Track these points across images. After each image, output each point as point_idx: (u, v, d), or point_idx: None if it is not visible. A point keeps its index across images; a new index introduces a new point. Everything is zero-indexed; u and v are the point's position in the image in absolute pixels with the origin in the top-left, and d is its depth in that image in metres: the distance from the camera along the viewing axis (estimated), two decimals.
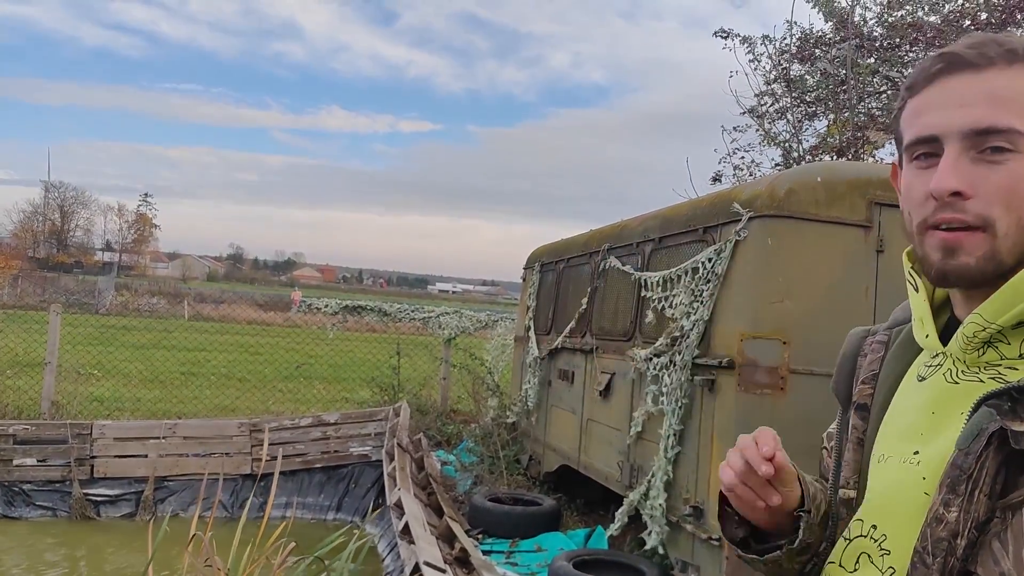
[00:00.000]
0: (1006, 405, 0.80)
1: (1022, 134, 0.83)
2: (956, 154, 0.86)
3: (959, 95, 0.87)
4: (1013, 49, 0.86)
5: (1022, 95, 0.85)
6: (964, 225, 0.85)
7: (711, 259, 4.10)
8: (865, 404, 1.04)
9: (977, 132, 0.85)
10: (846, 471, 1.04)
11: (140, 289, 38.35)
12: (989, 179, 0.84)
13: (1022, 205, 0.84)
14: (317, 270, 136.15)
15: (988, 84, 0.86)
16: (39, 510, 6.64)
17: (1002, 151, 0.84)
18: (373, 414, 7.83)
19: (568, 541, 5.48)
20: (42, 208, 76.04)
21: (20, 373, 9.44)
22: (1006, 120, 0.84)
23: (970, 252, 0.86)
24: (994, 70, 0.86)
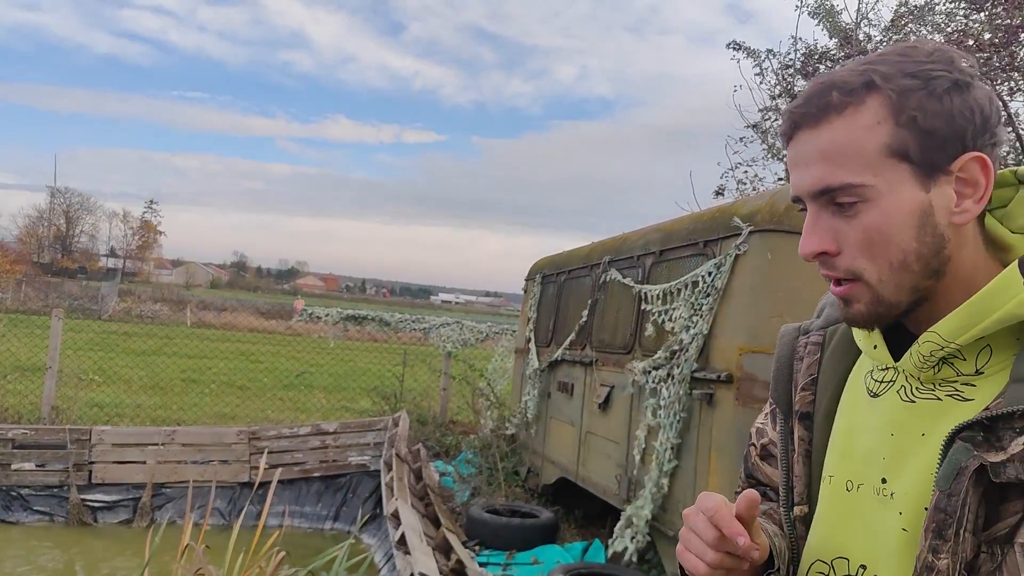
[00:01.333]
0: (979, 436, 0.77)
1: (857, 185, 0.82)
2: (815, 214, 0.86)
3: (801, 155, 0.86)
4: (843, 92, 0.83)
5: (850, 143, 0.82)
6: (841, 278, 0.86)
7: (711, 273, 4.10)
8: (808, 413, 0.99)
9: (817, 193, 0.85)
10: (798, 486, 0.98)
11: (143, 295, 38.41)
12: (849, 234, 0.84)
13: (884, 251, 0.83)
14: (320, 279, 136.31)
15: (819, 141, 0.84)
16: (36, 515, 6.63)
17: (851, 204, 0.83)
18: (372, 424, 7.82)
19: (565, 554, 5.46)
20: (47, 213, 76.29)
21: (21, 377, 9.46)
22: (838, 176, 0.83)
23: (858, 300, 0.86)
24: (825, 123, 0.84)
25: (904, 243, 0.83)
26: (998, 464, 0.75)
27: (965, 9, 9.11)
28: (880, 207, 0.82)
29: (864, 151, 0.82)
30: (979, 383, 0.83)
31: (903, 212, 0.82)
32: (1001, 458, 0.75)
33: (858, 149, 0.82)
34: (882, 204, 0.82)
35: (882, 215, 0.82)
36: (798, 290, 3.74)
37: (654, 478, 4.33)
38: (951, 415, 0.82)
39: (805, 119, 0.85)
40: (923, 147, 0.81)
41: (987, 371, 0.82)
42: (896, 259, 0.83)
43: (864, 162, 0.82)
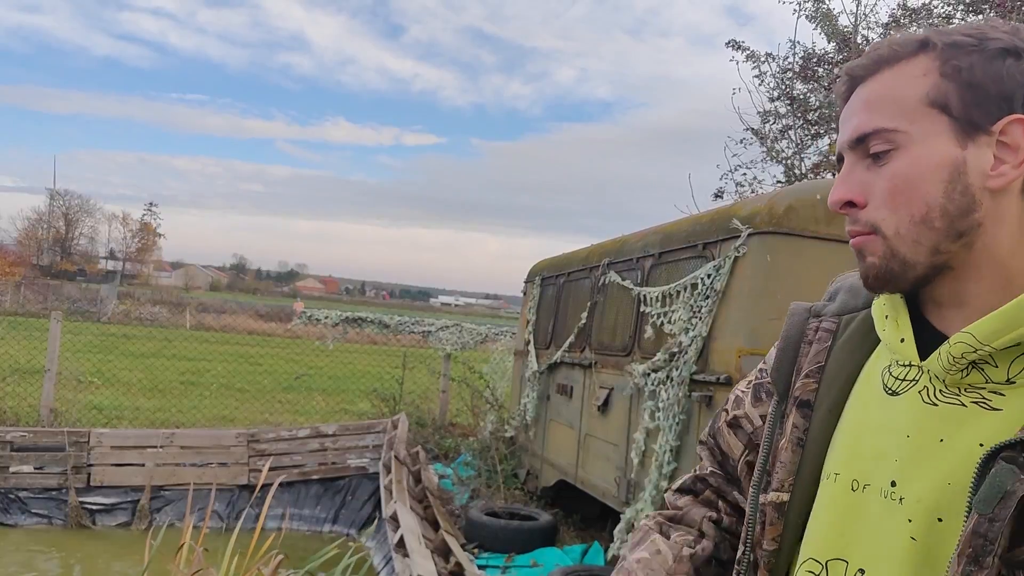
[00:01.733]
0: (1021, 457, 0.71)
1: (891, 131, 0.81)
2: (849, 166, 0.85)
3: (848, 111, 0.86)
4: (896, 49, 0.83)
5: (891, 91, 0.82)
6: (857, 232, 0.85)
7: (710, 275, 4.11)
8: (808, 401, 0.93)
9: (854, 142, 0.84)
10: (781, 472, 0.92)
11: (142, 298, 38.41)
12: (876, 184, 0.82)
13: (908, 201, 0.81)
14: (320, 281, 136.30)
15: (866, 92, 0.85)
16: (35, 518, 6.62)
17: (884, 153, 0.82)
18: (371, 426, 7.82)
19: (564, 557, 5.45)
20: (47, 216, 76.28)
21: (20, 380, 9.45)
22: (873, 122, 0.82)
23: (872, 252, 0.83)
24: (876, 75, 0.84)
25: (930, 196, 0.80)
26: None
27: (962, 12, 9.12)
28: (911, 155, 0.80)
29: (904, 98, 0.81)
30: (1008, 393, 0.77)
31: (933, 163, 0.80)
32: None
33: (898, 96, 0.82)
34: (913, 152, 0.80)
35: (911, 163, 0.80)
36: (797, 292, 3.73)
37: (654, 480, 4.33)
38: (975, 423, 0.78)
39: (859, 73, 0.86)
40: (964, 101, 0.79)
41: (1019, 380, 0.77)
42: (918, 212, 0.80)
43: (902, 109, 0.81)
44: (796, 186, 4.46)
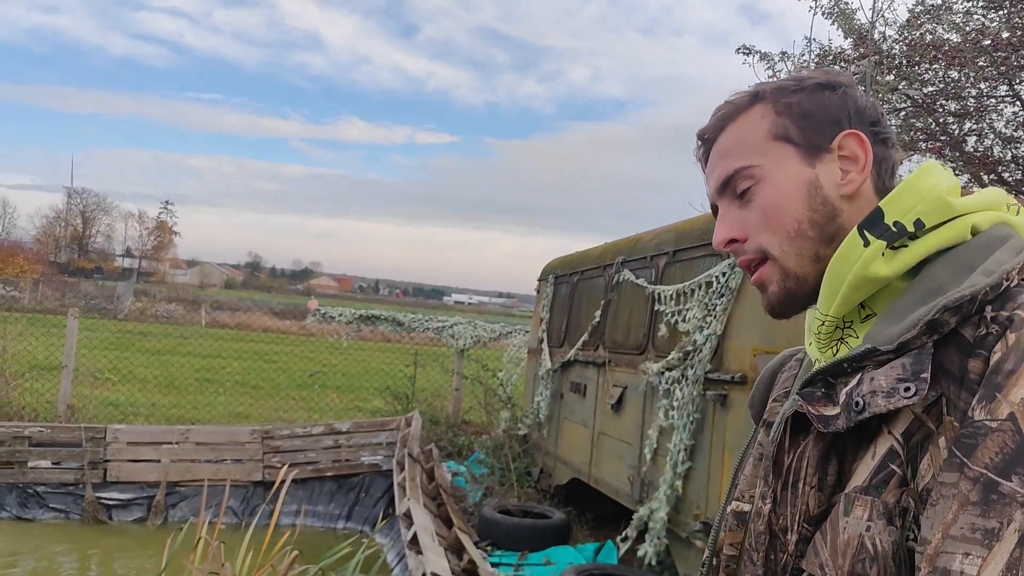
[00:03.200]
0: (820, 391, 0.81)
1: (748, 167, 0.90)
2: (723, 210, 0.94)
3: (709, 167, 0.96)
4: (735, 104, 0.94)
5: (739, 137, 0.92)
6: (752, 262, 0.91)
7: (725, 273, 4.08)
8: (771, 422, 0.99)
9: (722, 186, 0.93)
10: (743, 484, 0.99)
11: (158, 295, 38.68)
12: (750, 217, 0.90)
13: (781, 220, 0.89)
14: (334, 279, 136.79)
15: (719, 146, 0.94)
16: (52, 512, 6.69)
17: (748, 190, 0.90)
18: (385, 423, 7.84)
19: (577, 555, 5.44)
20: (64, 214, 77.00)
21: (38, 376, 9.54)
22: (731, 164, 0.91)
23: (770, 280, 0.90)
24: (725, 131, 0.94)
25: (797, 212, 0.88)
26: (829, 417, 0.78)
27: (983, 8, 9.03)
28: (771, 183, 0.89)
29: (751, 140, 0.91)
30: None
31: (792, 185, 0.89)
32: (834, 412, 0.78)
33: (746, 140, 0.92)
34: (772, 180, 0.89)
35: (774, 190, 0.89)
36: None
37: (668, 479, 4.31)
38: None
39: (710, 135, 0.96)
40: (801, 128, 0.90)
41: None
42: (792, 227, 0.88)
43: (752, 148, 0.91)
44: None
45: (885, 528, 0.73)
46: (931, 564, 0.69)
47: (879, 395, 0.75)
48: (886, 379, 0.75)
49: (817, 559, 0.76)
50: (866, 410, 0.75)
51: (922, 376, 0.73)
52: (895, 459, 0.75)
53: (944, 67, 8.81)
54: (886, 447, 0.75)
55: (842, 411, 0.77)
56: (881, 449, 0.76)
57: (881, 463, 0.75)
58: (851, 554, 0.74)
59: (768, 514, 0.81)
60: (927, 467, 0.73)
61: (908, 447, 0.74)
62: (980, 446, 0.68)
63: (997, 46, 8.30)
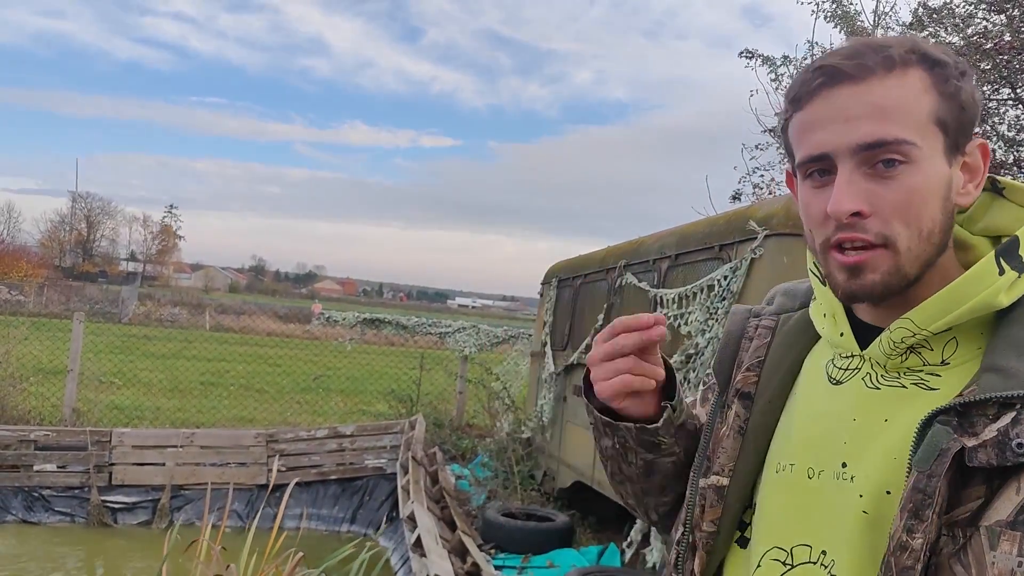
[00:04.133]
0: (954, 421, 0.77)
1: (909, 143, 0.81)
2: (849, 172, 0.83)
3: (844, 109, 0.83)
4: (889, 56, 0.83)
5: (903, 102, 0.82)
6: (866, 244, 0.83)
7: (726, 277, 4.10)
8: (749, 393, 0.99)
9: (866, 147, 0.82)
10: (722, 457, 0.97)
11: (163, 299, 38.77)
12: (885, 196, 0.82)
13: (919, 216, 0.82)
14: (338, 283, 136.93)
15: (870, 95, 0.82)
16: (57, 515, 6.72)
17: (893, 164, 0.82)
18: (389, 427, 7.85)
19: (581, 558, 5.45)
20: (69, 218, 77.28)
21: (43, 380, 9.58)
22: (892, 131, 0.81)
23: (875, 269, 0.84)
24: (874, 80, 0.82)
25: (934, 212, 0.83)
26: (972, 449, 0.75)
27: (985, 11, 9.03)
28: (923, 171, 0.82)
29: (915, 112, 0.82)
30: (944, 373, 0.83)
31: (937, 180, 0.83)
32: (974, 443, 0.75)
33: (910, 109, 0.82)
34: (924, 168, 0.82)
35: (923, 179, 0.82)
36: None
37: None
38: (916, 403, 0.83)
39: (846, 73, 0.83)
40: (957, 122, 0.84)
41: (952, 362, 0.84)
42: (926, 227, 0.83)
43: (916, 123, 0.82)
44: None
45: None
46: None
47: None
48: None
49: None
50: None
51: None
52: None
53: None
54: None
55: (990, 447, 0.74)
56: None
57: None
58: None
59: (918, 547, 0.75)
60: None
61: None
62: None
63: (999, 49, 8.30)
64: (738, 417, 0.98)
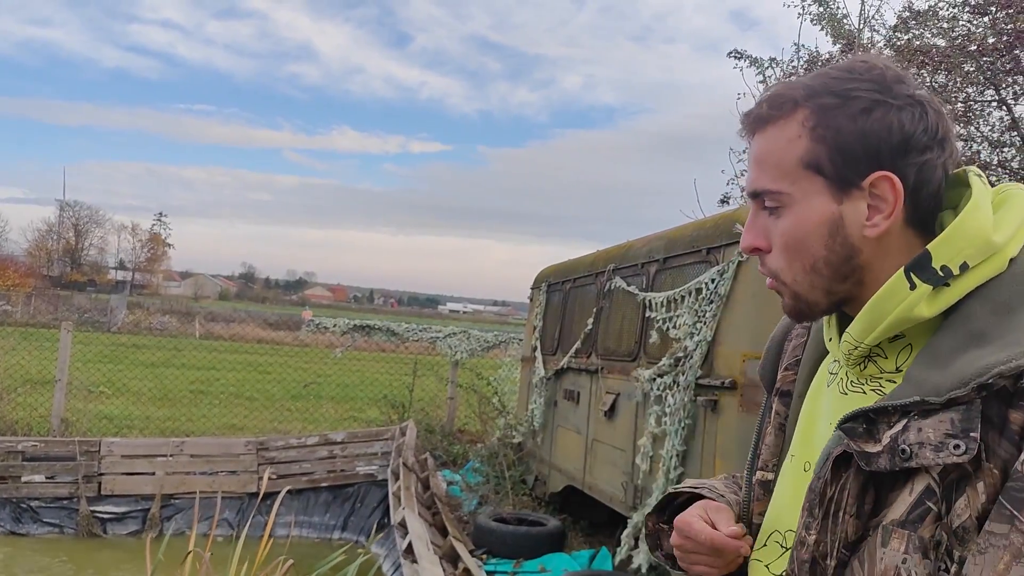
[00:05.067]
0: (861, 427, 0.82)
1: (777, 192, 0.90)
2: (754, 213, 0.94)
3: (749, 159, 0.95)
4: (781, 103, 0.90)
5: (774, 153, 0.90)
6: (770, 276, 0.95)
7: (714, 280, 4.12)
8: (788, 391, 1.06)
9: (752, 194, 0.93)
10: (765, 454, 1.06)
11: (152, 308, 38.59)
12: (774, 232, 0.92)
13: (799, 253, 0.90)
14: (328, 289, 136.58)
15: (756, 147, 0.93)
16: (46, 527, 6.67)
17: (775, 209, 0.91)
18: (380, 433, 7.84)
19: (572, 562, 5.46)
20: (57, 227, 76.80)
21: (31, 390, 9.52)
22: (763, 182, 0.91)
23: (783, 295, 0.95)
24: (760, 132, 0.92)
25: (814, 250, 0.89)
26: (872, 454, 0.80)
27: (969, 13, 9.11)
28: (795, 214, 0.90)
29: (784, 161, 0.90)
30: (899, 379, 0.86)
31: (814, 221, 0.89)
32: (876, 449, 0.80)
33: (779, 159, 0.90)
34: (796, 211, 0.90)
35: (796, 221, 0.90)
36: None
37: (660, 485, 4.33)
38: None
39: (750, 124, 0.94)
40: (835, 163, 0.87)
41: (904, 368, 0.87)
42: (807, 263, 0.90)
43: (783, 171, 0.90)
44: None
45: (921, 561, 0.77)
46: None
47: (927, 447, 0.77)
48: (935, 432, 0.77)
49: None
50: (913, 459, 0.77)
51: (972, 435, 0.75)
52: (931, 497, 0.78)
53: (931, 72, 8.89)
54: (923, 485, 0.78)
55: (885, 452, 0.79)
56: (919, 487, 0.79)
57: (918, 500, 0.78)
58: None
59: (812, 543, 0.84)
60: (963, 507, 0.76)
61: (944, 486, 0.77)
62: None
63: (983, 51, 8.38)
64: (778, 415, 1.06)
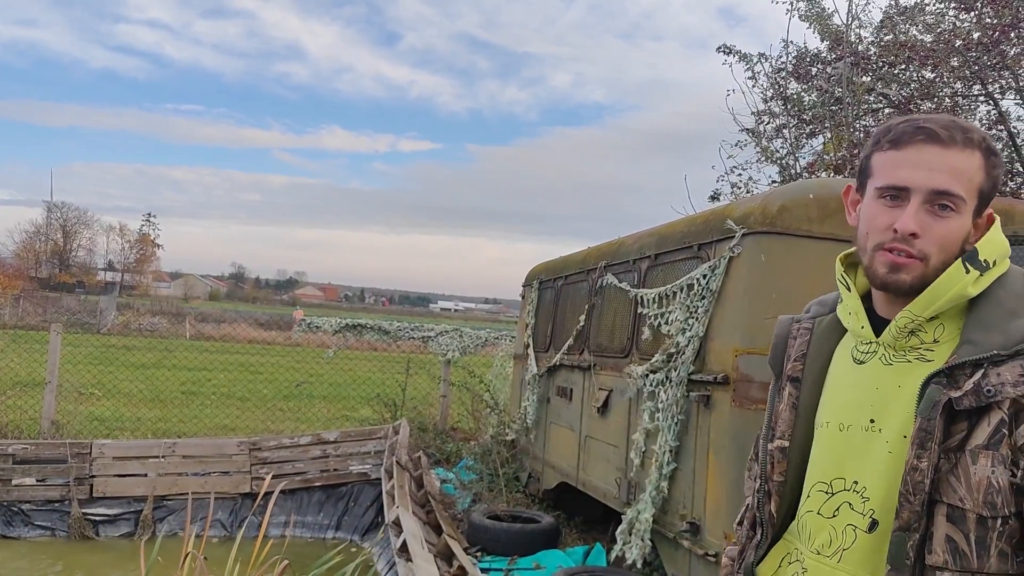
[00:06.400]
0: (944, 380, 1.17)
1: (961, 199, 1.22)
2: (918, 204, 1.22)
3: (929, 162, 1.21)
4: (969, 137, 1.22)
5: (967, 172, 1.22)
6: (909, 255, 1.22)
7: (706, 275, 4.13)
8: (797, 377, 1.39)
9: (938, 192, 1.21)
10: (782, 426, 1.39)
11: (142, 309, 38.39)
12: (934, 227, 1.21)
13: (949, 249, 1.22)
14: (319, 289, 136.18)
15: (951, 160, 1.21)
16: (38, 530, 6.63)
17: (947, 208, 1.21)
18: (373, 432, 7.83)
19: (567, 558, 5.47)
20: (45, 228, 76.24)
21: (21, 393, 9.46)
22: (956, 188, 1.21)
23: (908, 273, 1.22)
24: (955, 149, 1.21)
25: (956, 247, 1.23)
26: (958, 398, 1.15)
27: (955, 9, 9.16)
28: (962, 219, 1.23)
29: (971, 181, 1.22)
30: (936, 349, 1.23)
31: (963, 229, 1.23)
32: (958, 394, 1.15)
33: (970, 178, 1.22)
34: (963, 218, 1.23)
35: (960, 225, 1.23)
36: (791, 292, 3.76)
37: (654, 481, 4.34)
38: (918, 371, 1.22)
39: (940, 138, 1.21)
40: (984, 198, 1.25)
41: (941, 340, 1.23)
42: (949, 255, 1.22)
43: (968, 188, 1.22)
44: (789, 186, 4.49)
45: (1003, 471, 1.12)
46: None
47: (1007, 385, 1.13)
48: (1011, 374, 1.13)
49: (956, 494, 1.14)
50: (997, 395, 1.13)
51: None
52: (1004, 426, 1.13)
53: (918, 67, 8.93)
54: (998, 418, 1.13)
55: (970, 394, 1.13)
56: (995, 419, 1.13)
57: (995, 429, 1.13)
58: (983, 488, 1.12)
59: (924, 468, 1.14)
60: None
61: (1009, 416, 1.13)
62: None
63: (968, 46, 8.43)
64: (791, 396, 1.39)
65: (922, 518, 1.15)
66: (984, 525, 1.12)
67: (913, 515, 1.16)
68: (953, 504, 1.14)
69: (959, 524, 1.14)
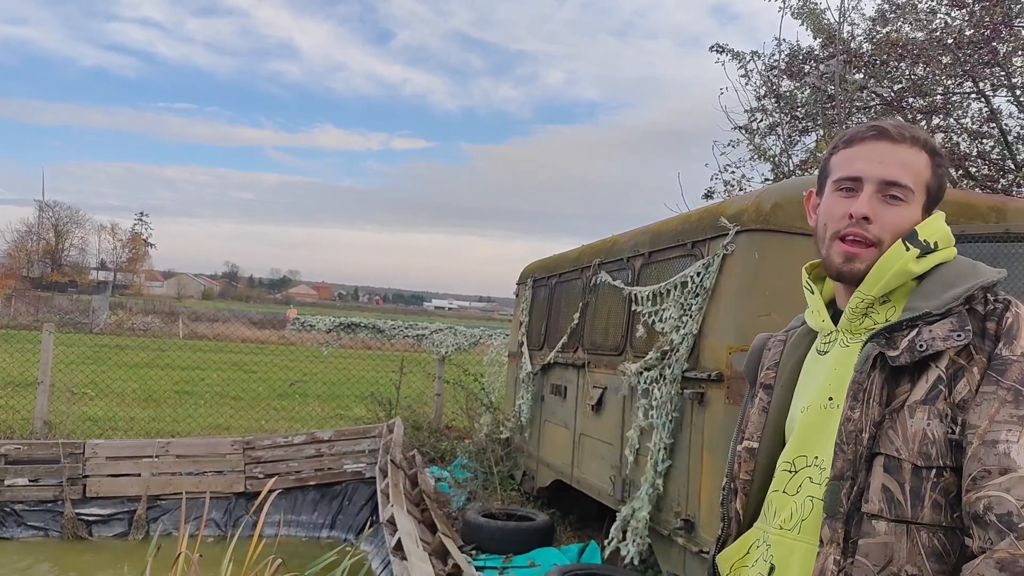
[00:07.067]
0: (883, 339, 1.26)
1: (910, 190, 1.33)
2: (871, 192, 1.33)
3: (880, 155, 1.34)
4: (917, 136, 1.35)
5: (915, 166, 1.34)
6: (863, 240, 1.32)
7: (699, 273, 4.13)
8: (769, 384, 1.49)
9: (887, 182, 1.32)
10: (750, 428, 1.47)
11: (134, 308, 38.25)
12: (886, 214, 1.32)
13: (895, 235, 1.32)
14: (313, 288, 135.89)
15: (900, 154, 1.34)
16: (31, 530, 6.61)
17: (897, 199, 1.33)
18: (367, 431, 7.82)
19: (562, 556, 5.47)
20: (36, 227, 75.83)
21: (13, 393, 9.42)
22: (904, 179, 1.33)
23: (863, 262, 1.33)
24: (905, 145, 1.34)
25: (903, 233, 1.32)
26: (894, 356, 1.24)
27: (947, 6, 9.18)
28: (911, 209, 1.33)
29: (919, 175, 1.35)
30: None
31: (913, 219, 1.34)
32: (894, 353, 1.24)
33: (917, 172, 1.34)
34: (911, 207, 1.33)
35: (909, 214, 1.33)
36: (785, 289, 3.77)
37: (649, 478, 4.35)
38: None
39: (890, 134, 1.34)
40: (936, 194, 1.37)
41: (891, 319, 1.31)
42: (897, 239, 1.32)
43: (917, 180, 1.34)
44: (782, 183, 4.50)
45: (939, 424, 1.19)
46: (982, 439, 1.16)
47: (937, 340, 1.22)
48: (941, 330, 1.23)
49: (893, 445, 1.21)
50: (928, 350, 1.21)
51: (966, 328, 1.23)
52: (941, 382, 1.21)
53: (910, 65, 8.95)
54: (935, 375, 1.22)
55: (905, 352, 1.22)
56: (932, 376, 1.22)
57: (932, 385, 1.21)
58: (919, 439, 1.20)
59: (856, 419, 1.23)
60: (963, 386, 1.20)
61: (948, 375, 1.21)
62: (1008, 370, 1.19)
63: (960, 44, 8.45)
64: (762, 400, 1.48)
65: (859, 469, 1.21)
66: (919, 475, 1.18)
67: (846, 464, 1.22)
68: (890, 454, 1.20)
69: (895, 474, 1.20)
